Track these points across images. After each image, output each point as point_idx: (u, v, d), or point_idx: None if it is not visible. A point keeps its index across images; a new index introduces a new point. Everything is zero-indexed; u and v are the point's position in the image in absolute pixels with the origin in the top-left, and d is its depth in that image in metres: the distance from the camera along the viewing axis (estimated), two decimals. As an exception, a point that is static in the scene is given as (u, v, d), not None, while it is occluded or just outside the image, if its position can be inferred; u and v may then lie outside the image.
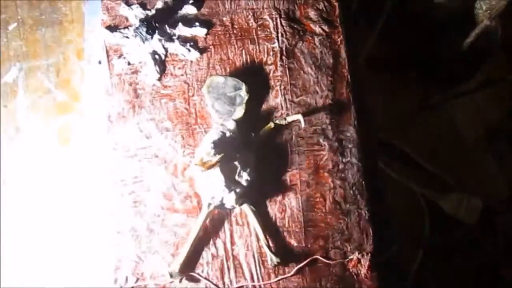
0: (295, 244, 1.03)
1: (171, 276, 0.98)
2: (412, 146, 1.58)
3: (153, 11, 1.15)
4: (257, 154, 1.04)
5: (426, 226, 1.54)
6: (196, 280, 1.00)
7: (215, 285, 1.00)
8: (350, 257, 1.03)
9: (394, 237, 1.13)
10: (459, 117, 1.63)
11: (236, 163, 1.01)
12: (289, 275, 1.01)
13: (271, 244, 1.01)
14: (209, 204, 1.01)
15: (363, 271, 1.03)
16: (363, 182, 1.08)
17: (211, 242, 1.03)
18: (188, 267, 1.00)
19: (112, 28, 1.15)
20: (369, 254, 1.03)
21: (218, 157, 0.97)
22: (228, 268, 1.01)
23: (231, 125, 1.03)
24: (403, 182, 1.54)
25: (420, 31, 1.50)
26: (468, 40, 1.39)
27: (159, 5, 1.17)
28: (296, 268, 1.01)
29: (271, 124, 1.06)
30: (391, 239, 1.12)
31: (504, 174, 1.61)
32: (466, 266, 1.48)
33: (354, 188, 1.07)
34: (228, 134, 1.02)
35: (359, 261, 1.03)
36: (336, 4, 1.19)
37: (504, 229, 1.50)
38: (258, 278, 1.01)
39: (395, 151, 1.57)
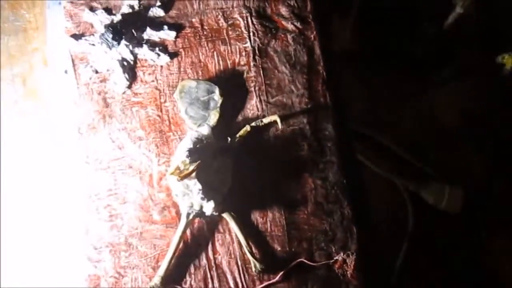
0: (279, 248, 1.01)
1: (153, 290, 0.95)
2: (391, 138, 1.57)
3: (119, 16, 1.11)
4: (235, 159, 1.01)
5: (410, 218, 1.54)
6: (179, 293, 0.97)
7: (199, 296, 0.97)
8: (335, 258, 1.01)
9: (375, 234, 1.12)
10: (437, 107, 1.63)
11: (213, 169, 0.98)
12: (274, 280, 0.99)
13: (254, 251, 0.99)
14: (188, 214, 0.98)
15: (349, 271, 1.01)
16: (344, 181, 1.07)
17: (193, 252, 1.00)
18: (170, 280, 0.97)
19: (77, 36, 1.10)
20: (354, 254, 1.02)
21: (194, 165, 0.94)
22: (212, 278, 0.99)
23: (206, 130, 1.00)
24: (385, 175, 1.53)
25: (394, 22, 1.49)
26: (441, 29, 1.38)
27: (125, 9, 1.12)
28: (281, 273, 0.99)
29: (247, 127, 1.03)
30: (373, 236, 1.11)
31: (484, 162, 1.62)
32: (451, 257, 1.49)
33: (335, 188, 1.06)
34: (203, 140, 0.99)
35: (344, 261, 1.02)
36: (308, -1, 1.17)
37: (486, 219, 1.52)
38: (243, 285, 0.99)
39: (374, 144, 1.56)
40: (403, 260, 1.43)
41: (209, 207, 0.97)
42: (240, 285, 0.99)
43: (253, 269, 0.98)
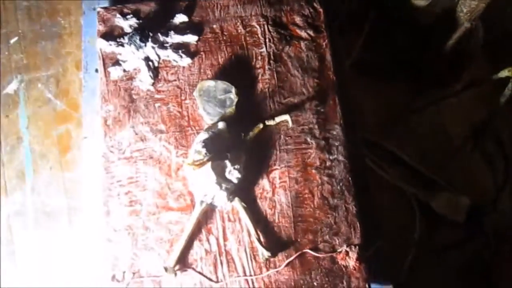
0: (285, 238, 1.07)
1: (166, 271, 1.02)
2: (402, 147, 1.62)
3: (147, 21, 1.21)
4: (247, 153, 1.09)
5: (417, 225, 1.57)
6: (191, 275, 1.04)
7: (209, 279, 1.04)
8: (338, 250, 1.07)
9: (381, 232, 1.16)
10: (446, 118, 1.67)
11: (227, 161, 1.05)
12: (279, 268, 1.04)
13: (262, 239, 1.05)
14: (202, 202, 1.05)
15: (352, 263, 1.07)
16: (350, 178, 1.13)
17: (205, 238, 1.07)
18: (183, 263, 1.04)
19: (108, 38, 1.21)
20: (357, 247, 1.07)
21: (209, 156, 1.02)
22: (221, 263, 1.05)
23: (222, 125, 1.08)
24: (395, 183, 1.58)
25: (404, 36, 1.55)
26: (450, 42, 1.44)
27: (152, 14, 1.23)
28: (286, 261, 1.05)
29: (260, 125, 1.11)
30: (378, 234, 1.16)
31: (491, 173, 1.65)
32: (457, 264, 1.52)
33: (341, 184, 1.12)
34: (219, 134, 1.07)
35: (347, 253, 1.07)
36: (321, 10, 1.25)
37: (493, 228, 1.54)
38: (250, 272, 1.05)
39: (385, 153, 1.61)
40: (410, 265, 1.46)
41: (221, 196, 1.04)
42: (247, 271, 1.05)
43: (261, 256, 1.04)
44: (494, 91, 1.56)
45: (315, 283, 1.05)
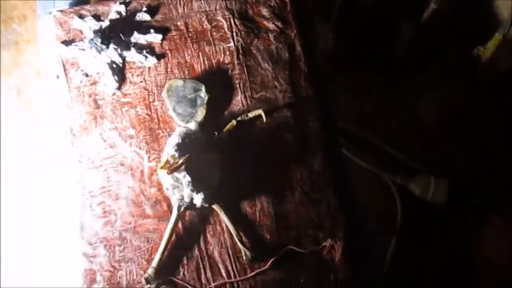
0: (268, 237, 1.05)
1: (147, 282, 0.98)
2: (377, 134, 1.62)
3: (107, 22, 1.16)
4: (222, 153, 1.05)
5: (398, 213, 1.57)
6: (174, 283, 1.00)
7: (193, 286, 1.00)
8: (323, 244, 1.05)
9: (363, 223, 1.15)
10: (421, 103, 1.67)
11: (202, 163, 1.02)
12: (264, 268, 1.02)
13: (244, 240, 1.02)
14: (179, 206, 1.01)
15: (337, 257, 1.05)
16: (329, 171, 1.10)
17: (185, 243, 1.03)
18: (164, 271, 1.00)
19: (67, 42, 1.15)
20: (341, 240, 1.05)
21: (183, 158, 0.97)
22: (204, 268, 1.02)
23: (194, 126, 1.04)
24: (372, 170, 1.57)
25: (373, 24, 1.54)
26: (419, 23, 1.43)
27: (113, 15, 1.17)
28: (271, 260, 1.02)
29: (234, 122, 1.08)
30: (361, 224, 1.14)
31: (467, 154, 1.66)
32: (440, 249, 1.52)
33: (320, 178, 1.09)
34: (191, 135, 1.03)
35: (332, 247, 1.05)
36: (287, 0, 1.22)
37: (473, 209, 1.55)
38: (234, 274, 1.02)
39: (361, 141, 1.61)
40: (393, 252, 1.46)
41: (199, 199, 1.00)
42: (232, 274, 1.02)
43: (244, 257, 1.01)
44: (466, 74, 1.56)
45: (302, 280, 1.03)
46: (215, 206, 1.03)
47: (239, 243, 1.01)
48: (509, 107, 1.59)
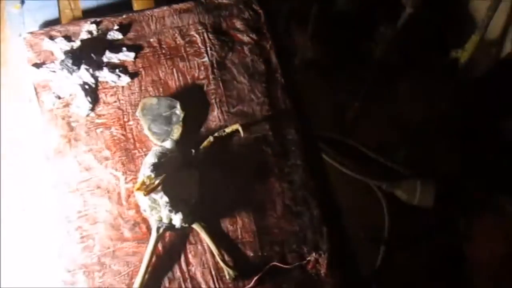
0: (251, 254, 1.02)
1: (129, 307, 0.96)
2: (361, 141, 1.60)
3: (78, 42, 1.14)
4: (200, 170, 1.03)
5: (386, 220, 1.56)
6: (156, 307, 0.98)
7: (175, 309, 0.98)
8: (307, 259, 1.03)
9: (349, 233, 1.13)
10: (403, 105, 1.66)
11: (180, 182, 0.99)
12: (249, 286, 0.99)
13: (226, 258, 1.00)
14: (158, 228, 0.99)
15: (323, 270, 1.02)
16: (311, 183, 1.09)
17: (166, 265, 1.00)
18: (145, 296, 0.97)
19: (38, 64, 1.12)
20: (326, 253, 1.03)
21: (159, 178, 0.95)
22: (187, 289, 0.99)
23: (170, 144, 1.02)
24: (357, 177, 1.56)
25: (350, 30, 1.54)
26: (397, 28, 1.43)
27: (84, 35, 1.15)
28: (255, 278, 0.99)
29: (211, 138, 1.06)
30: (346, 236, 1.12)
31: (455, 154, 1.65)
32: (430, 253, 1.51)
33: (302, 190, 1.08)
34: (167, 154, 1.01)
35: (317, 261, 1.03)
36: (261, 11, 1.21)
37: (462, 208, 1.54)
38: (218, 294, 0.99)
39: (344, 148, 1.59)
40: (382, 261, 1.44)
41: (177, 219, 0.98)
42: (215, 294, 0.99)
43: (227, 277, 0.99)
44: (445, 73, 1.56)
45: (288, 296, 1.01)
46: (195, 226, 1.01)
47: (221, 262, 0.99)
48: (491, 106, 1.59)
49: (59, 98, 1.10)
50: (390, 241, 1.47)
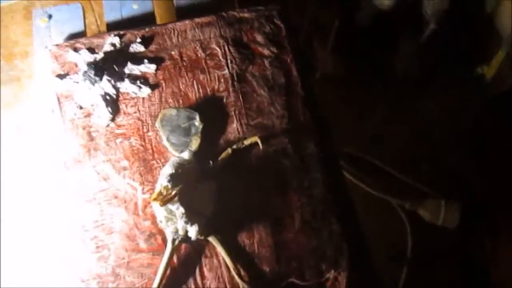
0: (268, 269, 0.99)
1: (142, 320, 0.94)
2: (382, 157, 1.57)
3: (101, 54, 1.16)
4: (218, 182, 1.02)
5: (408, 241, 1.50)
6: (169, 322, 0.95)
7: (189, 324, 0.95)
8: (326, 276, 0.99)
9: (370, 253, 1.09)
10: (426, 121, 1.62)
11: (196, 193, 0.98)
12: (265, 303, 0.96)
13: (242, 273, 0.97)
14: (174, 240, 0.98)
15: (342, 288, 0.99)
16: (331, 197, 1.06)
17: (181, 278, 0.98)
18: (159, 309, 0.95)
19: (62, 75, 1.14)
20: (346, 271, 0.99)
21: (176, 189, 0.94)
22: (201, 304, 0.97)
23: (187, 155, 1.01)
24: (379, 196, 1.51)
25: (372, 44, 1.52)
26: (420, 43, 1.41)
27: (107, 47, 1.17)
28: (271, 294, 0.97)
29: (229, 150, 1.05)
30: (367, 255, 1.08)
31: (481, 172, 1.59)
32: (454, 274, 1.44)
33: (322, 204, 1.05)
34: (185, 165, 1.00)
35: (336, 279, 0.99)
36: (282, 25, 1.21)
37: (488, 228, 1.47)
38: (233, 310, 0.96)
39: (366, 165, 1.56)
40: (404, 283, 1.39)
41: (193, 231, 0.96)
42: (230, 310, 0.97)
43: (243, 292, 0.96)
44: (470, 90, 1.52)
45: (305, 314, 0.97)
46: (211, 239, 0.99)
47: (236, 277, 0.96)
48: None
49: (81, 108, 1.11)
50: (413, 262, 1.42)
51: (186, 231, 0.97)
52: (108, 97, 1.11)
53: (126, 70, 1.14)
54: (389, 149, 1.56)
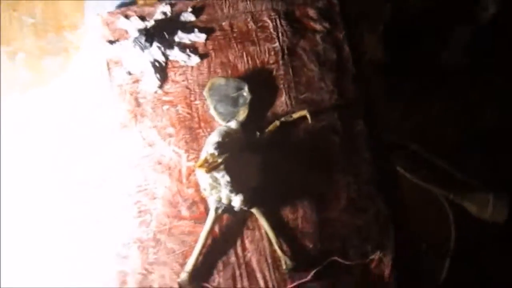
0: (310, 246, 0.97)
1: (181, 287, 0.92)
2: (429, 147, 1.51)
3: (152, 22, 1.15)
4: (264, 154, 1.00)
5: (452, 233, 1.44)
6: (208, 290, 0.94)
7: (228, 294, 0.94)
8: (371, 257, 0.96)
9: (413, 241, 1.05)
10: (476, 110, 1.54)
11: (242, 163, 0.96)
12: (306, 279, 0.94)
13: (284, 248, 0.95)
14: (217, 208, 0.96)
15: (387, 271, 0.96)
16: (378, 178, 1.02)
17: (221, 249, 0.97)
18: (198, 277, 0.94)
19: (112, 41, 1.15)
20: (391, 252, 0.96)
21: (222, 157, 0.93)
22: (241, 276, 0.95)
23: (235, 125, 1.00)
24: (425, 186, 1.46)
25: (422, 30, 1.47)
26: (474, 30, 1.34)
27: (158, 16, 1.17)
28: (313, 271, 0.94)
29: (277, 122, 1.03)
30: (411, 243, 1.04)
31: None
32: (497, 268, 1.38)
33: (368, 184, 1.02)
34: (232, 134, 0.98)
35: (380, 260, 0.96)
36: (336, 1, 1.18)
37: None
38: (272, 284, 0.95)
39: (412, 155, 1.50)
40: (446, 276, 1.33)
41: (237, 201, 0.95)
42: (270, 283, 0.95)
43: (284, 267, 0.94)
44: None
45: (346, 295, 0.94)
46: (254, 210, 0.97)
47: (278, 251, 0.94)
48: None
49: (130, 74, 1.11)
50: (456, 254, 1.36)
51: (230, 200, 0.95)
52: (157, 64, 1.11)
53: (176, 39, 1.13)
54: (435, 138, 1.50)
